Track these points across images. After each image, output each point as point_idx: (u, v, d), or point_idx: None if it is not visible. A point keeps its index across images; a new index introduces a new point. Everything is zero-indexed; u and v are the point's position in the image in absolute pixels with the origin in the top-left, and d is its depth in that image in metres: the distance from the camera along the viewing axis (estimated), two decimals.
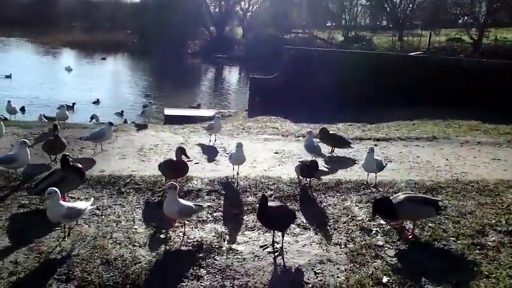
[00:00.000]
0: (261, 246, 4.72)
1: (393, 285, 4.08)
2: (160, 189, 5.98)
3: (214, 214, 5.39)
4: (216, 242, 4.71)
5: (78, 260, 4.26)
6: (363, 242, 4.83)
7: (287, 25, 45.89)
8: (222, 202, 5.75)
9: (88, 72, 31.65)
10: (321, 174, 6.72)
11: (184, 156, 6.03)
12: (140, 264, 4.27)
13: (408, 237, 4.95)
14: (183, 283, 4.04)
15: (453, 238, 4.95)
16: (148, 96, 23.34)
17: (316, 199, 5.96)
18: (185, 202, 4.88)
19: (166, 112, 15.85)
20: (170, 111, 15.98)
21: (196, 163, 7.27)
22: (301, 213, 5.50)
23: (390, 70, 14.45)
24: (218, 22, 52.59)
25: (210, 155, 7.80)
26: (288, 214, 4.79)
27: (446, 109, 12.69)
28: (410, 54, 21.32)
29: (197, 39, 50.83)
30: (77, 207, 4.60)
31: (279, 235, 4.76)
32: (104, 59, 39.03)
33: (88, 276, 4.04)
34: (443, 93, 13.81)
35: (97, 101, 20.56)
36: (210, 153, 7.94)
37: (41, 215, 4.85)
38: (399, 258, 4.57)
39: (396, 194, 5.06)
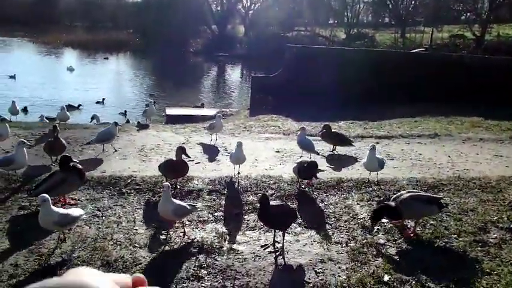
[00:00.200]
0: (262, 246, 4.71)
1: (394, 283, 4.06)
2: (161, 189, 5.97)
3: (215, 214, 5.38)
4: (217, 242, 4.70)
5: (78, 262, 4.25)
6: (364, 241, 4.81)
7: (289, 23, 45.74)
8: (223, 202, 5.74)
9: (90, 72, 31.61)
10: (319, 172, 6.58)
11: (184, 155, 6.01)
12: (141, 265, 4.27)
13: (410, 235, 4.94)
14: (184, 284, 4.03)
15: (455, 235, 4.93)
16: (152, 95, 23.27)
17: (317, 198, 5.94)
18: (180, 202, 4.86)
19: (167, 112, 15.82)
20: (171, 110, 15.95)
21: (197, 163, 7.25)
22: (302, 212, 5.47)
23: (392, 67, 14.35)
24: (220, 20, 52.45)
25: (211, 155, 7.78)
26: (289, 213, 4.78)
27: (448, 106, 12.62)
28: (412, 51, 21.20)
29: (199, 37, 50.69)
30: (70, 214, 4.45)
31: (280, 234, 4.74)
32: (107, 59, 38.96)
33: None
34: (445, 89, 13.73)
35: (102, 101, 20.41)
36: (211, 152, 7.93)
37: None
38: (400, 256, 4.55)
39: (399, 193, 5.02)
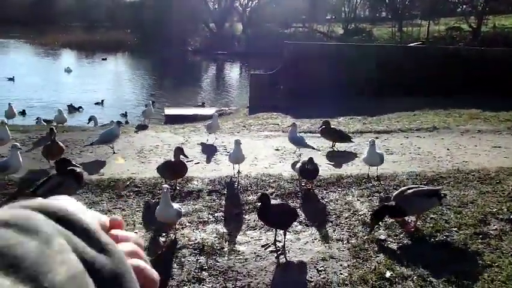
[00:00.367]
0: (263, 245, 4.68)
1: (396, 279, 4.04)
2: (160, 191, 5.94)
3: (215, 214, 5.35)
4: (218, 243, 4.68)
5: None
6: (365, 237, 4.79)
7: (287, 20, 45.66)
8: (223, 202, 5.71)
9: (89, 72, 31.55)
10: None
11: (183, 156, 5.97)
12: None
13: (411, 229, 4.91)
14: (185, 287, 4.01)
15: (455, 228, 4.92)
16: (153, 95, 23.23)
17: (317, 195, 5.91)
18: (177, 205, 4.82)
19: (166, 112, 15.79)
20: (170, 110, 15.92)
21: (196, 163, 7.21)
22: (302, 210, 5.45)
23: (390, 61, 14.36)
24: (218, 18, 52.39)
25: (211, 155, 7.74)
26: (290, 212, 4.75)
27: (446, 98, 12.62)
28: (410, 44, 21.15)
29: (197, 36, 50.63)
30: None
31: (281, 233, 4.72)
32: (105, 59, 38.88)
33: None
34: (443, 82, 13.76)
35: (101, 102, 20.42)
36: (211, 152, 7.88)
37: None
38: (402, 251, 4.54)
39: (399, 190, 4.97)
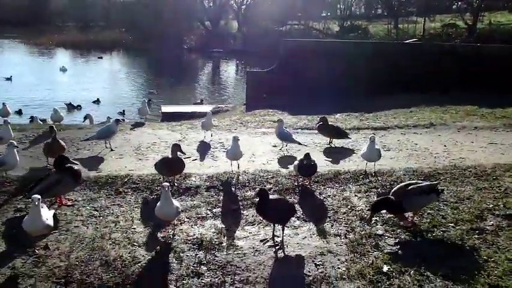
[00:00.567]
0: (262, 240, 4.70)
1: (393, 273, 4.07)
2: (158, 187, 5.94)
3: (213, 210, 5.36)
4: (216, 238, 4.69)
5: (77, 263, 4.22)
6: (363, 232, 4.81)
7: (283, 17, 45.63)
8: (221, 198, 5.72)
9: (85, 71, 31.56)
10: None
11: (180, 153, 5.97)
12: (140, 264, 4.25)
13: (408, 225, 4.94)
14: (184, 281, 4.01)
15: (452, 224, 4.94)
16: (151, 93, 23.27)
17: (315, 191, 5.93)
18: (177, 202, 4.81)
19: (163, 109, 15.81)
20: (167, 108, 15.93)
21: (194, 159, 7.23)
22: (300, 205, 5.46)
23: (386, 59, 14.42)
24: (213, 16, 52.33)
25: (208, 151, 7.76)
26: (288, 207, 4.76)
27: (443, 95, 12.68)
28: (406, 41, 21.20)
29: (193, 34, 50.58)
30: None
31: (279, 229, 4.73)
32: (101, 58, 38.88)
33: (87, 278, 4.02)
34: (439, 79, 13.83)
35: (97, 101, 20.52)
36: (208, 149, 7.90)
37: None
38: (399, 246, 4.56)
39: (398, 186, 4.97)
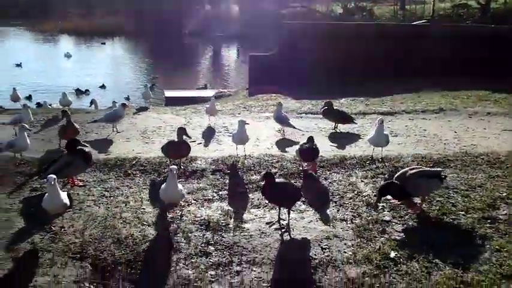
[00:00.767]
0: (268, 223, 4.78)
1: (401, 259, 4.08)
2: (166, 170, 6.08)
3: (219, 193, 5.46)
4: (223, 220, 4.79)
5: (90, 240, 4.38)
6: (370, 218, 4.81)
7: None
8: (227, 181, 5.80)
9: (89, 57, 31.59)
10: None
11: (185, 136, 6.11)
12: (150, 242, 4.41)
13: (416, 211, 4.91)
14: (193, 260, 4.14)
15: (462, 212, 4.87)
16: (156, 78, 23.44)
17: (320, 176, 5.96)
18: (180, 186, 4.93)
19: (166, 94, 15.87)
20: (170, 92, 15.99)
21: (199, 143, 7.34)
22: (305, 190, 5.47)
23: (391, 41, 13.97)
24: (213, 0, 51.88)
25: (213, 135, 7.85)
26: (294, 191, 4.82)
27: (453, 79, 12.15)
28: (413, 23, 20.71)
29: (193, 18, 50.22)
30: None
31: (285, 212, 4.80)
32: (104, 44, 38.88)
33: (101, 254, 4.18)
34: (449, 63, 13.16)
35: (103, 86, 20.83)
36: (213, 133, 7.99)
37: None
38: (407, 233, 4.55)
39: (403, 170, 4.92)
